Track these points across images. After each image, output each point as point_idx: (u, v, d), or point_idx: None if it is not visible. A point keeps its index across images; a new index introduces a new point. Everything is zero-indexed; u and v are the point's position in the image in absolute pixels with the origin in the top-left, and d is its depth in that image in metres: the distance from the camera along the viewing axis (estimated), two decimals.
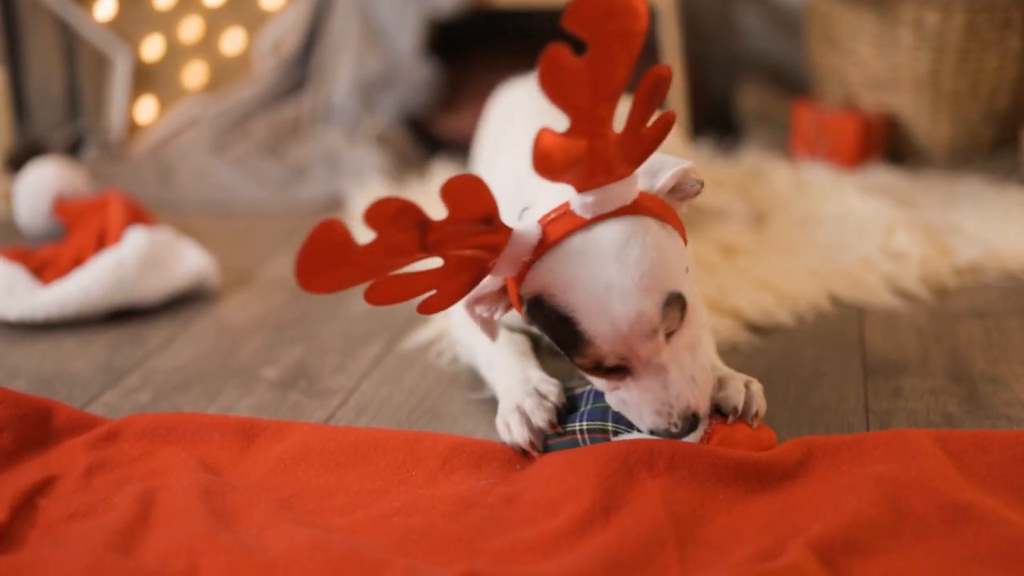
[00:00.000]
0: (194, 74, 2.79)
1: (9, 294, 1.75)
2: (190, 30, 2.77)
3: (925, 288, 1.77)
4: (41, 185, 2.10)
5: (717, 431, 1.20)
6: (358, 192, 2.30)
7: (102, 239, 1.90)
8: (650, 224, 1.16)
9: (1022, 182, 2.20)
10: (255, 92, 2.71)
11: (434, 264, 1.15)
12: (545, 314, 1.18)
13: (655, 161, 1.20)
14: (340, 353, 1.64)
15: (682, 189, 1.22)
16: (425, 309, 1.20)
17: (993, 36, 2.27)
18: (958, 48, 2.27)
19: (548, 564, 1.06)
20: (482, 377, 1.46)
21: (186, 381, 1.56)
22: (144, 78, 2.75)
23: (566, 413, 1.27)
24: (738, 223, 2.01)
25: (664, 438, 1.18)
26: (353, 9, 2.62)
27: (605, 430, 1.24)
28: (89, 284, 1.75)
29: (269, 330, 1.73)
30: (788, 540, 1.06)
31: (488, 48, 2.74)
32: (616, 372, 1.18)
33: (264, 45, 2.78)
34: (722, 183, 2.18)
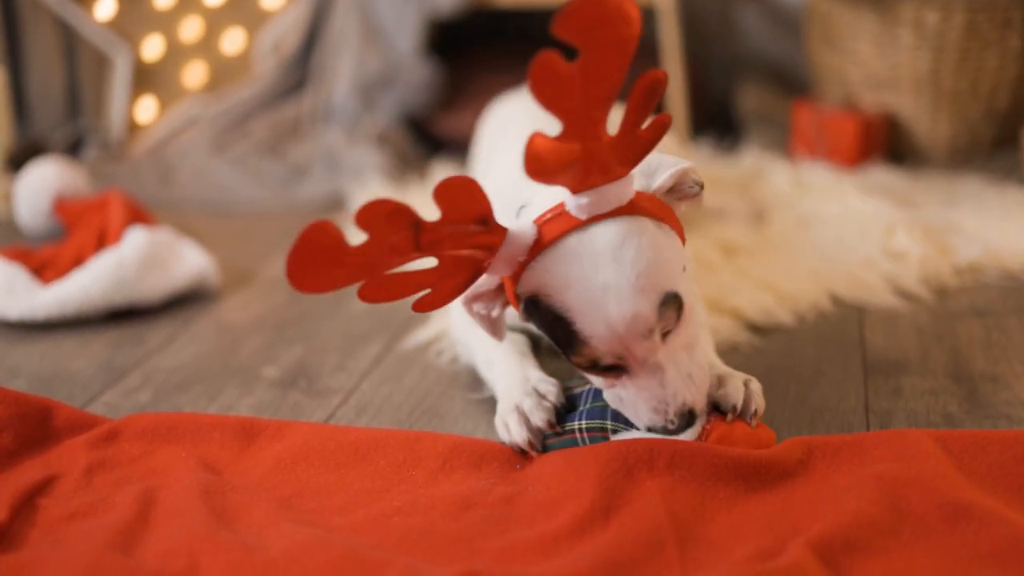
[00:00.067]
0: (194, 74, 2.79)
1: (9, 294, 1.75)
2: (190, 30, 2.77)
3: (925, 288, 1.77)
4: (41, 185, 2.10)
5: (715, 428, 1.20)
6: (358, 192, 2.29)
7: (102, 239, 1.90)
8: (646, 224, 1.16)
9: (1022, 182, 2.20)
10: (255, 92, 2.71)
11: (429, 263, 1.15)
12: (541, 314, 1.18)
13: (653, 161, 1.20)
14: (340, 352, 1.64)
15: (680, 189, 1.22)
16: (420, 307, 1.20)
17: (993, 35, 2.27)
18: (958, 47, 2.27)
19: (548, 564, 1.06)
20: (481, 377, 1.46)
21: (186, 381, 1.56)
22: (144, 78, 2.75)
23: (565, 412, 1.27)
24: (738, 223, 2.01)
25: (661, 435, 1.18)
26: (353, 9, 2.62)
27: (604, 428, 1.24)
28: (89, 284, 1.75)
29: (269, 330, 1.73)
30: (788, 539, 1.06)
31: (488, 48, 2.74)
32: (613, 371, 1.18)
33: (264, 45, 2.78)
34: (722, 183, 2.18)
